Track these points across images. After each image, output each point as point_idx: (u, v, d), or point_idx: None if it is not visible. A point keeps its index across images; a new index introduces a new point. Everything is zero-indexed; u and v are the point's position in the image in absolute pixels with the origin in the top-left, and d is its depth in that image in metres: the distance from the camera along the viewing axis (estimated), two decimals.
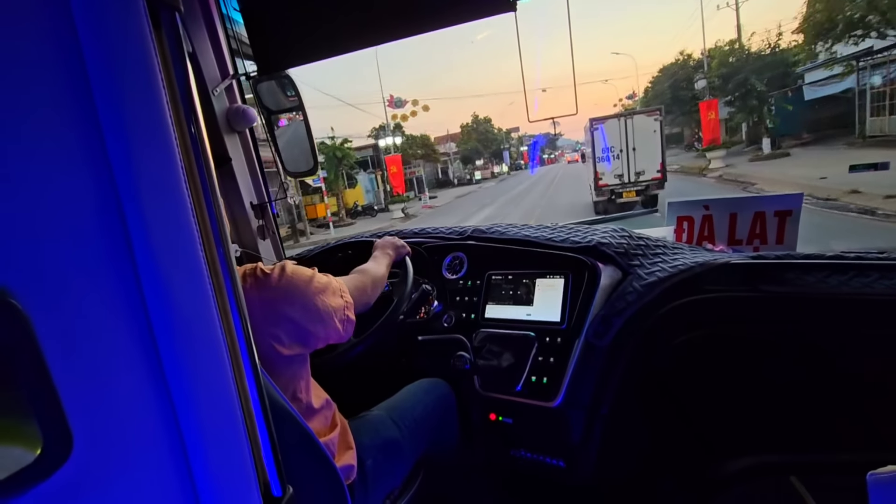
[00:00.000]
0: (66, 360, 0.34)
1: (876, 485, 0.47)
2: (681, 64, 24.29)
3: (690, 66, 23.62)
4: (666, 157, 10.40)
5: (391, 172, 21.03)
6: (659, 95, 25.65)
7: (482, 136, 44.13)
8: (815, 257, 1.09)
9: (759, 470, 1.23)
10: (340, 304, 0.94)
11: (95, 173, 0.38)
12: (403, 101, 23.73)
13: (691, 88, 22.49)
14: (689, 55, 24.14)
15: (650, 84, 29.29)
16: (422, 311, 1.49)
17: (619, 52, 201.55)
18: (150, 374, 0.40)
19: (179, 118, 0.45)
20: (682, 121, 26.31)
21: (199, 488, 0.43)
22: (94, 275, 0.37)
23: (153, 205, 0.41)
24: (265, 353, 0.82)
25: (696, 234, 1.58)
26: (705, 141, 17.62)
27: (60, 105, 0.36)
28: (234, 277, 0.49)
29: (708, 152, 16.64)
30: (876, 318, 1.01)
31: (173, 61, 0.45)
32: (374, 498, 1.04)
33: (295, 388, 0.90)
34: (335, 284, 0.96)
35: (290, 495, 0.53)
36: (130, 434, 0.38)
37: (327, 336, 0.92)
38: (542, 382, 1.23)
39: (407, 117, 24.41)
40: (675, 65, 24.90)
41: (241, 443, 0.47)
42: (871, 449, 1.08)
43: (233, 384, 0.46)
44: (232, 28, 1.45)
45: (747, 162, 15.85)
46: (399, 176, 20.92)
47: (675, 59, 25.01)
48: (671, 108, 23.11)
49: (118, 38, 0.39)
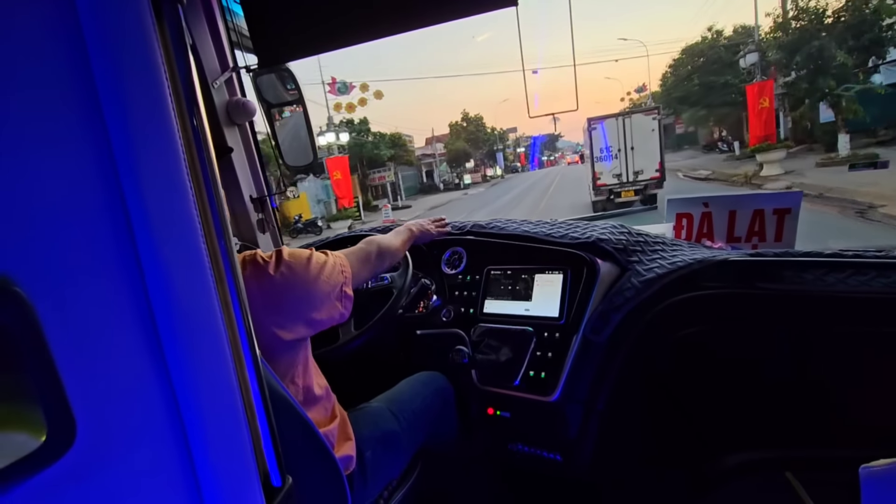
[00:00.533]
0: (70, 348, 0.34)
1: (868, 478, 0.48)
2: (710, 42, 20.05)
3: (722, 44, 19.40)
4: (665, 156, 10.30)
5: (334, 179, 16.78)
6: (681, 83, 21.62)
7: (472, 135, 39.84)
8: (813, 255, 1.10)
9: (754, 465, 1.24)
10: (339, 280, 0.94)
11: (98, 163, 0.38)
12: (349, 86, 18.43)
13: (723, 73, 18.64)
14: (720, 31, 19.99)
15: (669, 69, 23.51)
16: (420, 305, 1.50)
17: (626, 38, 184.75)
18: (152, 363, 0.41)
19: (182, 110, 0.45)
20: (706, 116, 22.14)
21: (199, 477, 0.43)
22: (96, 263, 0.37)
23: (156, 195, 0.41)
24: (267, 340, 0.83)
25: (695, 231, 1.58)
26: (755, 138, 13.09)
27: (64, 96, 0.36)
28: (236, 268, 0.50)
29: (760, 153, 12.22)
30: (872, 316, 1.02)
31: (175, 53, 0.45)
32: (373, 489, 1.05)
33: (294, 373, 0.90)
34: (332, 260, 0.95)
35: (289, 485, 0.54)
36: (133, 422, 0.39)
37: (330, 318, 0.92)
38: (539, 377, 1.24)
39: (354, 107, 18.93)
40: (702, 44, 20.49)
41: (242, 432, 0.47)
42: (865, 445, 1.09)
43: (233, 374, 0.47)
44: (232, 20, 1.44)
45: (815, 167, 11.43)
46: (345, 183, 16.73)
47: (701, 37, 20.68)
48: (700, 98, 20.09)
49: (121, 30, 0.39)
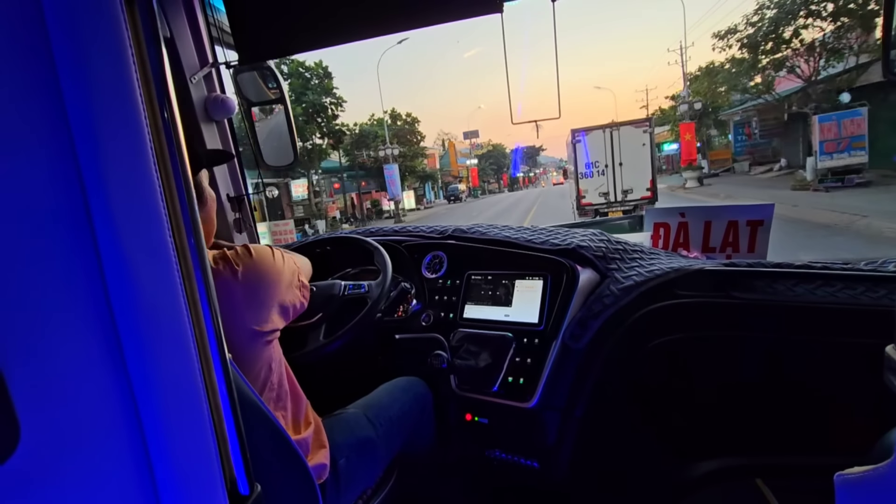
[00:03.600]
0: (15, 345, 0.32)
1: (843, 485, 0.48)
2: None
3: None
4: (657, 173, 9.44)
5: None
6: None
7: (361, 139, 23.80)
8: (784, 266, 1.13)
9: (725, 473, 1.26)
10: (294, 268, 0.98)
11: (59, 156, 0.36)
12: None
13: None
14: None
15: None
16: (400, 309, 1.48)
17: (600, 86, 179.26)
18: (110, 363, 0.38)
19: (152, 101, 0.43)
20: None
21: (159, 483, 0.41)
22: (50, 260, 0.35)
23: (118, 190, 0.39)
24: (246, 337, 0.85)
25: (671, 241, 1.61)
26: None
27: (22, 84, 0.34)
28: (206, 267, 0.48)
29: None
30: (839, 327, 1.05)
31: (147, 42, 0.43)
32: (347, 498, 1.02)
33: (269, 374, 0.91)
34: (280, 252, 0.99)
35: (257, 493, 0.51)
36: (85, 426, 0.37)
37: (293, 304, 0.96)
38: (518, 383, 1.24)
39: None
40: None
41: (207, 436, 0.45)
42: (834, 453, 1.12)
43: (199, 375, 0.45)
44: (213, 15, 1.41)
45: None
46: None
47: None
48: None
49: (86, 14, 0.37)
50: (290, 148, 1.56)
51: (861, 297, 1.01)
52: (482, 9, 1.20)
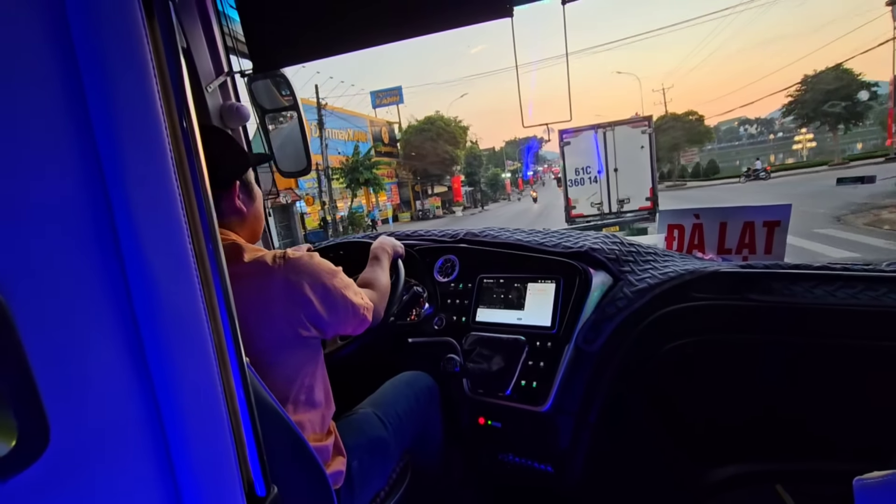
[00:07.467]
0: (47, 351, 0.33)
1: (862, 490, 0.47)
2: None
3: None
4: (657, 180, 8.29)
5: None
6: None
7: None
8: (802, 267, 1.11)
9: (744, 478, 1.24)
10: (361, 303, 0.99)
11: (83, 163, 0.37)
12: None
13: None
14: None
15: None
16: (412, 313, 1.49)
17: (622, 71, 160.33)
18: (133, 368, 0.39)
19: (171, 110, 0.44)
20: None
21: (179, 483, 0.42)
22: (78, 266, 0.36)
23: (141, 197, 0.40)
24: (286, 336, 0.87)
25: (686, 243, 1.59)
26: None
27: (49, 94, 0.36)
28: (223, 273, 0.49)
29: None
30: (860, 329, 1.03)
31: (166, 52, 0.44)
32: (360, 501, 1.02)
33: (304, 371, 0.93)
34: (356, 287, 1.02)
35: (274, 495, 0.52)
36: (111, 428, 0.38)
37: (343, 326, 0.97)
38: (531, 387, 1.23)
39: None
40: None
41: (226, 440, 0.46)
42: (854, 459, 1.09)
43: (218, 379, 0.46)
44: (228, 25, 1.44)
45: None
46: None
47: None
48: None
49: (110, 26, 0.39)
50: (303, 155, 1.58)
51: (883, 299, 0.99)
52: (493, 14, 1.21)
